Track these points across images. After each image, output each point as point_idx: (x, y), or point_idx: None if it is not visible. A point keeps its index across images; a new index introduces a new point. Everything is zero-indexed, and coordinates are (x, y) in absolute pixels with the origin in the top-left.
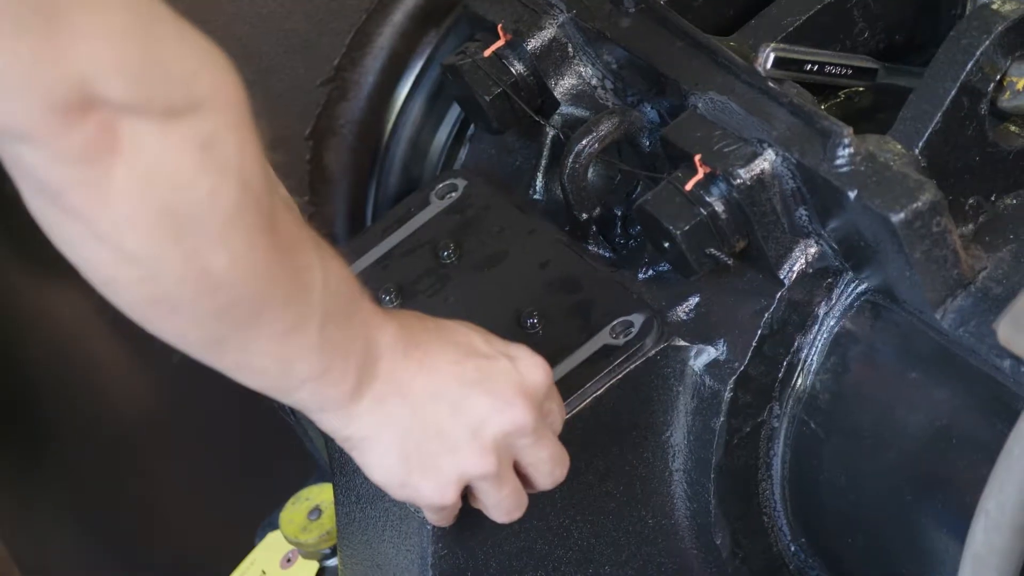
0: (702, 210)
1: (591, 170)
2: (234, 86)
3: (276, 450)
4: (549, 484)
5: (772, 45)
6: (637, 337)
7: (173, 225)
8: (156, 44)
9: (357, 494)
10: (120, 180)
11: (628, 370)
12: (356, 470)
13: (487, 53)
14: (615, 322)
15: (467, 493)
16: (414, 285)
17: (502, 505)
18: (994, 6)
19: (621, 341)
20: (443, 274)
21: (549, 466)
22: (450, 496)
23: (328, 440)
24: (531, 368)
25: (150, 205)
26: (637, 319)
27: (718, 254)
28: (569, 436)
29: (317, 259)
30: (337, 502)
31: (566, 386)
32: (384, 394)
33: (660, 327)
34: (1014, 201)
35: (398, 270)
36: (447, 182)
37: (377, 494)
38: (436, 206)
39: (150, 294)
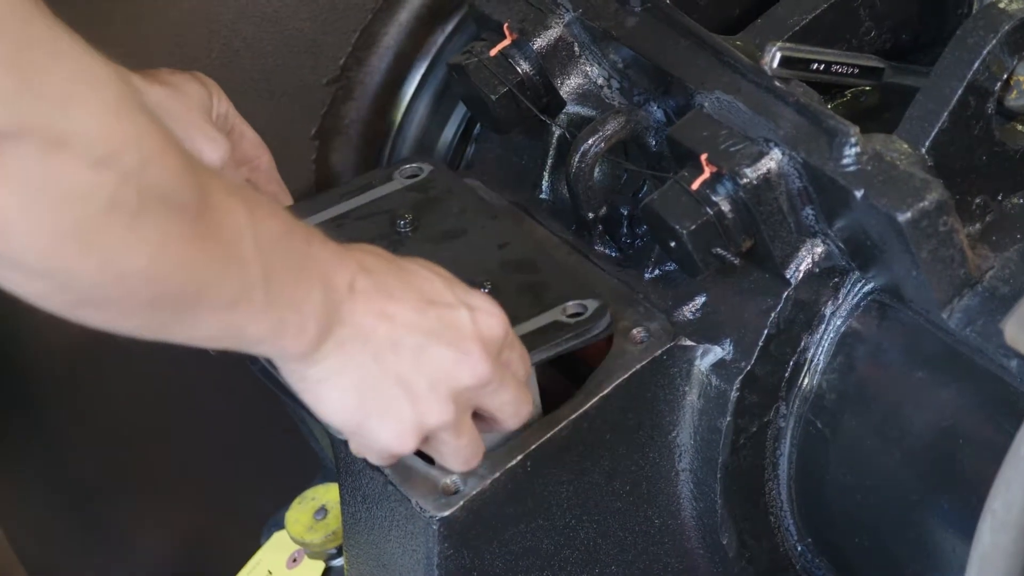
0: (708, 209)
1: (597, 169)
2: (114, 99)
3: (282, 450)
4: (515, 424)
5: (778, 44)
6: (589, 319)
7: (76, 238)
8: (28, 70)
9: (363, 494)
10: (10, 206)
11: (635, 370)
12: (362, 470)
13: (493, 52)
14: (568, 303)
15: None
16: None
17: (460, 454)
18: (1001, 5)
19: (572, 322)
20: (397, 240)
21: (513, 407)
22: (408, 445)
23: (334, 440)
24: (489, 319)
25: (47, 225)
26: (591, 304)
27: (724, 253)
28: (575, 435)
29: (247, 222)
30: (343, 502)
31: None
32: (345, 338)
33: (611, 316)
34: (1021, 200)
35: (352, 231)
36: (413, 164)
37: (383, 494)
38: (399, 183)
39: (72, 301)
